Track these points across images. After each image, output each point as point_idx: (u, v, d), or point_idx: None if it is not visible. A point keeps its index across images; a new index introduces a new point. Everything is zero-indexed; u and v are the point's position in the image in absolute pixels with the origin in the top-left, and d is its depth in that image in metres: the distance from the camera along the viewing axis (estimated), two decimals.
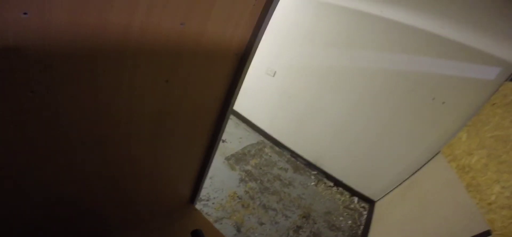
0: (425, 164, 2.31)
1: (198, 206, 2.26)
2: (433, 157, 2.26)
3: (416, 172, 2.35)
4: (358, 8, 2.49)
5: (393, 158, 2.53)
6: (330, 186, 2.95)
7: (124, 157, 0.93)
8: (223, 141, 3.25)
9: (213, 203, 2.36)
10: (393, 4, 2.30)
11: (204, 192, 2.43)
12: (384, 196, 2.58)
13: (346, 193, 2.89)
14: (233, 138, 3.39)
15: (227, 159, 3.02)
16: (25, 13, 0.45)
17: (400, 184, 2.43)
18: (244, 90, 3.18)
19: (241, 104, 3.67)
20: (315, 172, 3.14)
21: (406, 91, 2.36)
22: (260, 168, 3.03)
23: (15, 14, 0.44)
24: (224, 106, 1.14)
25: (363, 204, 2.76)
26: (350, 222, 2.48)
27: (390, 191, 2.50)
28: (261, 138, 3.58)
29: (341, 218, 2.51)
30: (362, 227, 2.44)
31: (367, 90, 2.56)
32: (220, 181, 2.67)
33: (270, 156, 3.29)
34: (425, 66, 2.25)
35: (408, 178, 2.39)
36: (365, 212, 2.64)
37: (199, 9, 0.76)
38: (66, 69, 0.58)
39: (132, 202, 1.22)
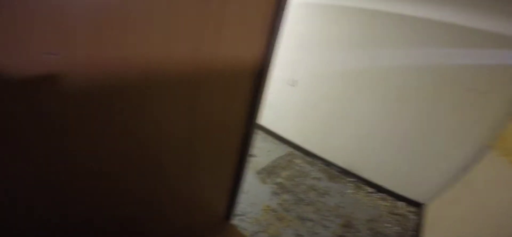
0: (475, 161, 2.11)
1: (234, 221, 2.23)
2: (483, 153, 2.07)
3: (467, 169, 2.15)
4: (372, 7, 2.45)
5: (436, 156, 2.36)
6: (370, 192, 2.78)
7: (159, 181, 0.97)
8: (253, 156, 3.22)
9: (248, 218, 2.32)
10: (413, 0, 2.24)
11: (239, 207, 2.40)
12: (434, 198, 2.37)
13: (389, 198, 2.70)
14: (262, 152, 3.36)
15: (258, 173, 2.98)
16: (54, 54, 0.48)
17: (451, 184, 2.22)
18: (267, 104, 3.19)
19: (266, 118, 3.66)
20: (352, 179, 2.99)
21: (440, 85, 2.23)
22: (293, 180, 2.96)
23: (45, 54, 0.49)
24: (249, 122, 1.16)
25: (410, 208, 2.56)
26: (397, 228, 2.30)
27: (441, 192, 2.30)
28: (290, 149, 3.51)
29: (386, 225, 2.33)
30: (411, 233, 2.25)
31: (396, 88, 2.45)
32: (254, 195, 2.64)
33: (302, 167, 3.20)
34: (457, 58, 2.13)
35: (459, 177, 2.19)
36: (413, 217, 2.44)
37: (209, 33, 0.79)
38: (92, 103, 0.62)
39: (170, 222, 1.24)
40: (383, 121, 2.59)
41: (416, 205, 2.55)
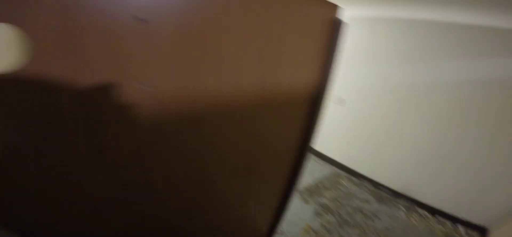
0: None
1: None
2: None
3: None
4: (427, 17, 2.34)
5: (504, 177, 2.05)
6: (425, 216, 2.51)
7: (212, 201, 1.07)
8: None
9: None
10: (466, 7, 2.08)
11: (279, 226, 2.39)
12: (500, 222, 2.05)
13: (447, 222, 2.40)
14: (304, 171, 3.30)
15: (300, 193, 2.93)
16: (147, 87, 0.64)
17: None
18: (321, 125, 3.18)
19: None
20: (404, 202, 2.74)
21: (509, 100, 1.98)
22: (337, 201, 2.83)
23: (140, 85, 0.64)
24: (303, 147, 1.17)
25: (471, 233, 2.24)
26: None
27: (508, 218, 1.98)
28: (335, 169, 3.39)
29: None
30: None
31: (457, 104, 2.25)
32: (294, 214, 2.59)
33: (348, 188, 3.05)
34: None
35: None
36: None
37: (271, 61, 0.87)
38: (169, 130, 0.75)
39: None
40: (442, 139, 2.37)
41: (479, 229, 2.22)
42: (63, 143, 0.67)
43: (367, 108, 2.93)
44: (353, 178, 3.20)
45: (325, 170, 3.39)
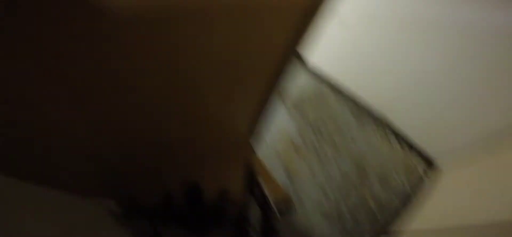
0: None
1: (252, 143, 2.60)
2: None
3: (500, 139, 2.20)
4: None
5: (477, 121, 2.40)
6: (392, 141, 3.00)
7: (192, 103, 1.12)
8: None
9: (266, 147, 2.68)
10: None
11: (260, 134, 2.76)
12: (454, 161, 2.53)
13: (409, 150, 2.91)
14: (289, 81, 3.53)
15: (284, 102, 3.25)
16: None
17: (477, 150, 2.33)
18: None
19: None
20: (379, 124, 3.18)
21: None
22: (319, 115, 3.20)
23: None
24: (291, 52, 1.17)
25: (425, 167, 2.78)
26: (406, 184, 2.58)
27: (462, 157, 2.44)
28: (323, 85, 3.65)
29: (397, 179, 2.62)
30: (418, 192, 2.52)
31: (460, 43, 2.35)
32: (277, 127, 2.97)
33: (332, 104, 3.40)
34: None
35: (488, 145, 2.27)
36: (425, 178, 2.67)
37: None
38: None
39: (193, 145, 1.50)
40: (433, 73, 2.57)
41: (434, 164, 2.73)
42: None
43: (368, 32, 3.01)
44: (339, 95, 3.53)
45: (315, 86, 3.65)
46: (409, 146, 2.99)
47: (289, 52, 1.15)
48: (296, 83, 3.60)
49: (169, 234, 1.39)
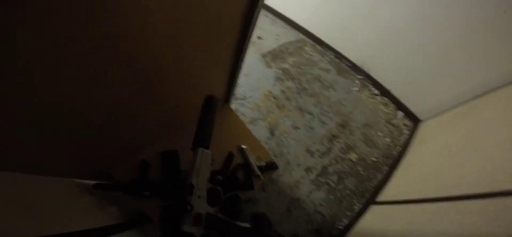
0: (493, 91, 2.20)
1: (234, 105, 2.51)
2: (507, 85, 2.12)
3: (479, 97, 2.27)
4: None
5: (455, 75, 2.44)
6: (375, 94, 3.04)
7: (146, 59, 1.00)
8: (259, 38, 3.28)
9: (249, 103, 2.60)
10: None
11: (240, 90, 2.65)
12: (433, 116, 2.62)
13: (391, 105, 2.98)
14: (269, 35, 3.40)
15: (263, 55, 3.12)
16: None
17: (455, 107, 2.41)
18: None
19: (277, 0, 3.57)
20: (360, 77, 3.19)
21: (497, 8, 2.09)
22: (299, 67, 3.14)
23: None
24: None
25: (406, 122, 2.87)
26: (388, 139, 2.66)
27: (442, 113, 2.52)
28: (301, 36, 3.55)
29: (379, 134, 2.69)
30: (399, 148, 2.61)
31: None
32: (256, 79, 2.85)
33: (311, 55, 3.33)
34: None
35: (466, 102, 2.34)
36: (406, 132, 2.77)
37: None
38: None
39: (167, 107, 1.41)
40: (412, 24, 2.54)
41: (415, 120, 2.83)
42: None
43: None
44: (317, 46, 3.45)
45: (292, 36, 3.53)
46: (391, 100, 3.04)
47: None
48: (272, 34, 3.45)
49: (148, 207, 1.33)
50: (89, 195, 1.21)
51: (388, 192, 2.13)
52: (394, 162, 2.45)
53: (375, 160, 2.46)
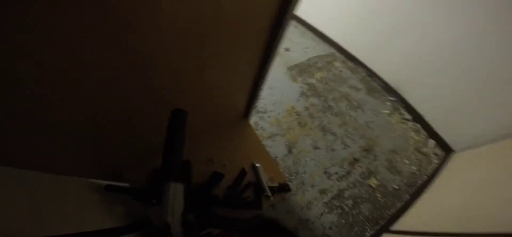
0: None
1: (254, 118, 2.53)
2: None
3: None
4: None
5: (499, 108, 2.26)
6: (406, 119, 2.90)
7: (166, 69, 1.03)
8: (287, 50, 3.29)
9: (269, 117, 2.61)
10: None
11: (262, 103, 2.67)
12: (467, 148, 2.45)
13: (422, 132, 2.82)
14: (298, 47, 3.40)
15: (290, 69, 3.12)
16: None
17: (494, 141, 2.22)
18: None
19: (308, 11, 3.54)
20: (392, 98, 3.06)
21: None
22: (326, 83, 3.09)
23: None
24: (282, 10, 1.07)
25: (437, 151, 2.70)
26: (414, 168, 2.52)
27: (478, 146, 2.34)
28: (332, 50, 3.50)
29: (406, 161, 2.55)
30: (425, 177, 2.46)
31: (495, 13, 2.13)
32: (280, 93, 2.86)
33: (341, 71, 3.26)
34: None
35: (507, 137, 2.16)
36: (436, 161, 2.60)
37: None
38: None
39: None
40: (458, 48, 2.39)
41: (447, 149, 2.66)
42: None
43: None
44: (349, 62, 3.37)
45: (322, 49, 3.49)
46: (424, 126, 2.88)
47: (283, 6, 1.03)
48: (301, 46, 3.44)
49: (154, 214, 1.39)
50: (99, 195, 1.28)
51: (405, 222, 2.03)
52: (416, 191, 2.32)
53: (397, 187, 2.34)
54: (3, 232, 0.65)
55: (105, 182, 1.34)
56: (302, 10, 3.56)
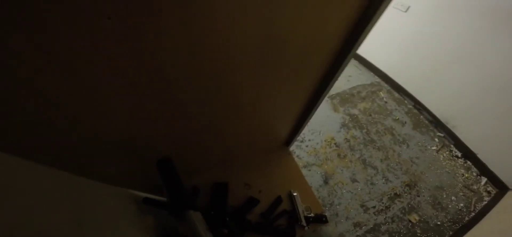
0: None
1: (290, 146, 2.75)
2: None
3: None
4: None
5: None
6: (456, 156, 2.94)
7: (223, 93, 1.10)
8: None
9: (307, 146, 2.81)
10: None
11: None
12: None
13: (474, 169, 2.84)
14: (341, 75, 3.57)
15: (331, 98, 3.33)
16: None
17: None
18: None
19: None
20: (441, 134, 3.13)
21: None
22: (370, 115, 3.23)
23: None
24: (344, 47, 1.12)
25: (490, 188, 2.69)
26: (462, 205, 2.54)
27: None
28: (377, 79, 3.64)
29: (453, 198, 2.58)
30: (473, 215, 2.48)
31: None
32: (319, 122, 3.06)
33: (386, 102, 3.39)
34: None
35: None
36: (487, 198, 2.60)
37: None
38: None
39: (228, 140, 1.62)
40: (511, 80, 2.49)
41: (502, 187, 2.65)
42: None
43: (435, 22, 2.92)
44: (395, 93, 3.50)
45: (366, 78, 3.65)
46: (475, 164, 2.91)
47: (347, 45, 1.10)
48: (344, 74, 3.61)
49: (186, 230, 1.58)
50: (136, 207, 1.42)
51: None
52: (461, 228, 2.35)
53: (439, 223, 2.39)
54: (41, 233, 0.74)
55: (144, 195, 1.54)
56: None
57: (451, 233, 2.34)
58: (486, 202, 2.58)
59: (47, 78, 0.71)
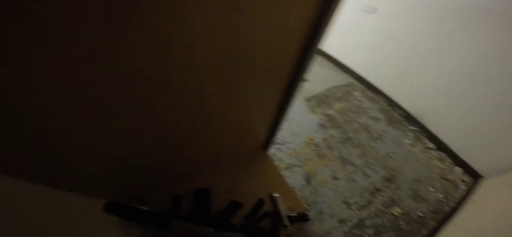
0: None
1: (271, 149, 2.79)
2: None
3: None
4: None
5: None
6: (430, 148, 3.10)
7: (195, 100, 1.14)
8: (304, 80, 3.60)
9: (287, 148, 2.86)
10: None
11: (279, 135, 2.93)
12: (497, 174, 2.60)
13: (448, 160, 3.00)
14: (316, 77, 3.70)
15: (308, 100, 3.41)
16: None
17: None
18: (333, 27, 3.36)
19: (328, 42, 3.86)
20: (414, 128, 3.28)
21: None
22: (346, 114, 3.35)
23: None
24: (308, 47, 1.19)
25: (464, 177, 2.86)
26: (441, 195, 2.68)
27: (509, 171, 2.50)
28: (351, 80, 3.78)
29: (431, 189, 2.72)
30: (452, 204, 2.62)
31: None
32: (298, 124, 3.13)
33: (360, 101, 3.53)
34: None
35: None
36: (463, 188, 2.77)
37: None
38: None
39: (206, 146, 1.66)
40: (478, 74, 2.63)
41: (474, 175, 2.82)
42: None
43: (403, 23, 3.09)
44: (368, 92, 3.64)
45: (341, 79, 3.78)
46: (449, 154, 3.07)
47: (309, 43, 1.17)
48: (320, 76, 3.75)
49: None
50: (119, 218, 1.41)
51: None
52: (444, 218, 2.46)
53: (422, 215, 2.50)
54: None
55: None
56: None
57: (434, 224, 2.45)
58: (463, 191, 2.73)
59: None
